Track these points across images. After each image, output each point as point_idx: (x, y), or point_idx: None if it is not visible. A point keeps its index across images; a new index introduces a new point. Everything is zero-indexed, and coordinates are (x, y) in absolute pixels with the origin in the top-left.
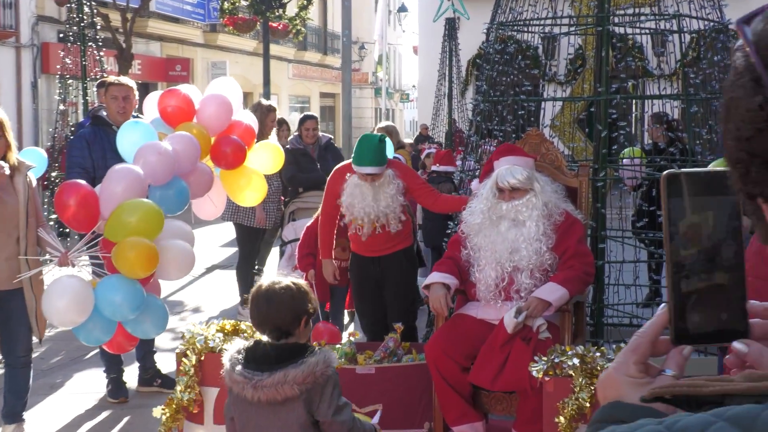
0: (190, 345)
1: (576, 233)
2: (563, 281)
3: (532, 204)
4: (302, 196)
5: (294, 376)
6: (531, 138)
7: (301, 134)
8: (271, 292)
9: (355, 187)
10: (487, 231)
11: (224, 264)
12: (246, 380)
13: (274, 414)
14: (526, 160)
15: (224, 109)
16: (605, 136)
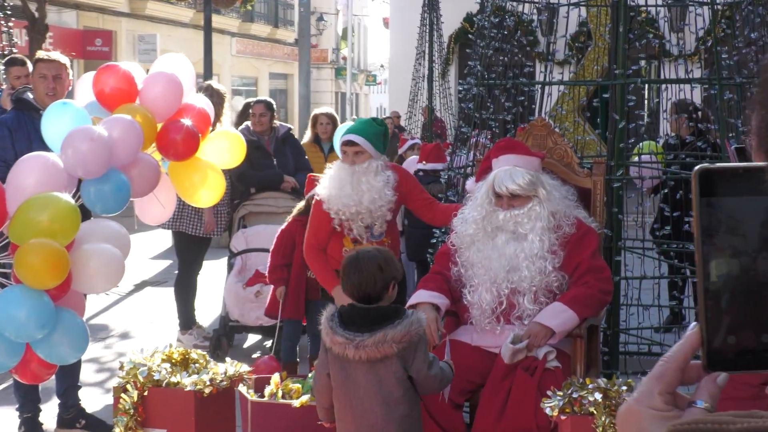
0: (131, 378)
1: (590, 245)
2: (572, 301)
3: (536, 214)
4: (255, 198)
5: (393, 336)
6: (536, 129)
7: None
8: (361, 264)
9: (335, 170)
10: (480, 244)
11: (157, 279)
12: (348, 341)
13: (372, 370)
14: (529, 160)
15: (173, 90)
16: (623, 127)
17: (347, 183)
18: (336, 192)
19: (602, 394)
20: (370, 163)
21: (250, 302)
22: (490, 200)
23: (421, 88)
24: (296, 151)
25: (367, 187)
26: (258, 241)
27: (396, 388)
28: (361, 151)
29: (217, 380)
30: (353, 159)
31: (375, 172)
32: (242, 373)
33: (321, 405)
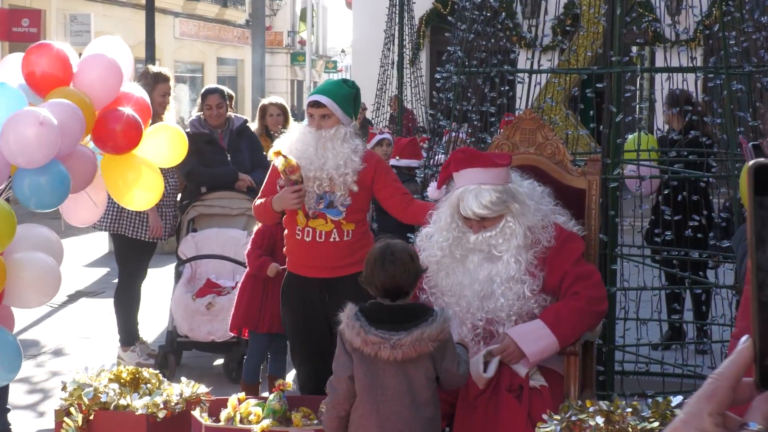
0: (75, 399)
1: (572, 251)
2: (556, 323)
3: (510, 231)
4: (206, 198)
5: (430, 334)
6: (524, 123)
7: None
8: (395, 256)
9: (300, 133)
10: (450, 269)
11: (93, 290)
12: (383, 340)
13: (401, 371)
14: (495, 173)
15: (112, 74)
16: (620, 120)
17: (311, 146)
18: (296, 153)
19: (604, 418)
20: (338, 129)
21: (200, 315)
22: (457, 224)
23: (390, 76)
24: (253, 146)
25: (333, 154)
26: (209, 246)
27: (425, 389)
28: (329, 114)
29: (171, 403)
30: (320, 123)
31: (342, 139)
32: (200, 395)
33: (335, 415)
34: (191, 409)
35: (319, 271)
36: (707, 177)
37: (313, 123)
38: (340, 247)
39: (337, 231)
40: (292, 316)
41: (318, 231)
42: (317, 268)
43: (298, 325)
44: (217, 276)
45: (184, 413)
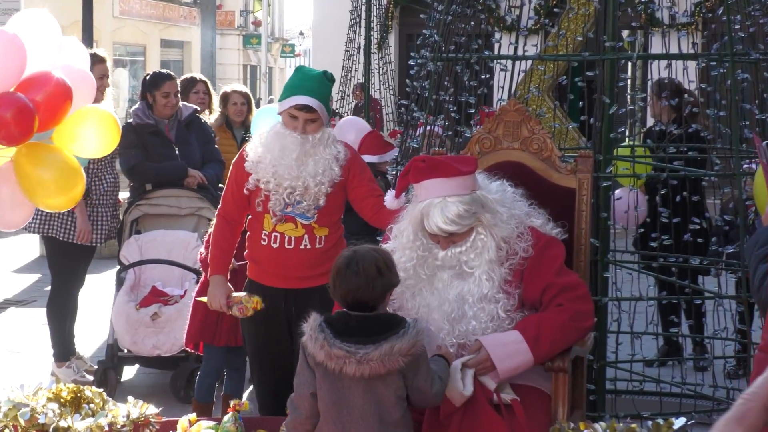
0: (10, 421)
1: (553, 260)
2: (535, 337)
3: (482, 244)
4: (151, 196)
5: (400, 348)
6: (508, 115)
7: (155, 103)
8: (359, 267)
9: (275, 136)
10: (416, 289)
11: (23, 298)
12: (349, 354)
13: (369, 389)
14: (461, 182)
15: (12, 55)
16: (613, 112)
17: (291, 153)
18: (272, 158)
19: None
20: (323, 134)
21: (144, 327)
22: (422, 241)
23: (355, 61)
24: (203, 138)
25: (314, 161)
26: (155, 250)
27: (395, 409)
28: (316, 118)
29: (117, 425)
30: (304, 128)
31: (325, 144)
32: (149, 417)
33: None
34: (139, 431)
35: (285, 280)
36: (710, 176)
37: (298, 127)
38: (311, 255)
39: (309, 237)
40: (253, 329)
41: (287, 237)
42: (284, 277)
43: (258, 338)
44: (164, 283)
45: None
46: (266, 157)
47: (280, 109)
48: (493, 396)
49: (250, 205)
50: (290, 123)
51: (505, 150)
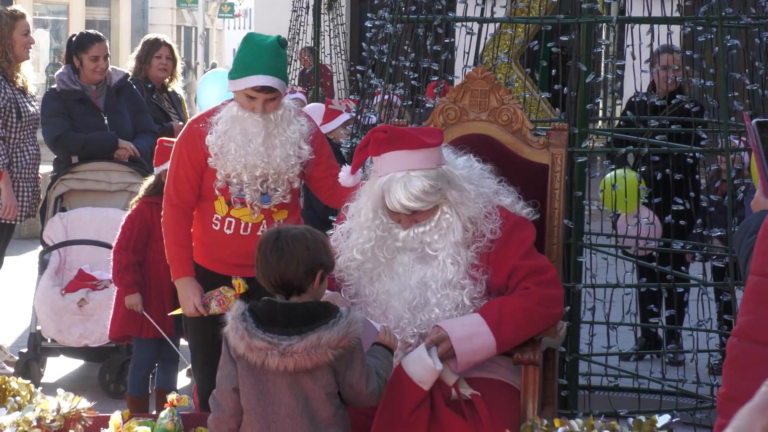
0: None
1: (521, 241)
2: (498, 321)
3: (447, 224)
4: (78, 170)
5: (329, 339)
6: (475, 83)
7: (82, 67)
8: (282, 242)
9: (233, 122)
10: (374, 274)
11: None
12: (271, 346)
13: (296, 383)
14: (425, 156)
15: None
16: (590, 81)
17: (257, 137)
18: (237, 146)
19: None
20: (285, 110)
21: (71, 314)
22: (381, 220)
23: (303, 23)
24: (135, 107)
25: (281, 141)
26: (82, 229)
27: (326, 407)
28: (276, 96)
29: (46, 420)
30: (264, 107)
31: (289, 120)
32: (80, 411)
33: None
34: (70, 427)
35: (240, 269)
36: (695, 151)
37: (257, 108)
38: None
39: (267, 222)
40: (198, 320)
41: (243, 223)
42: (239, 266)
43: (205, 331)
44: (92, 266)
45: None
46: (230, 147)
47: (233, 87)
48: (452, 392)
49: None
50: (248, 104)
51: (471, 122)
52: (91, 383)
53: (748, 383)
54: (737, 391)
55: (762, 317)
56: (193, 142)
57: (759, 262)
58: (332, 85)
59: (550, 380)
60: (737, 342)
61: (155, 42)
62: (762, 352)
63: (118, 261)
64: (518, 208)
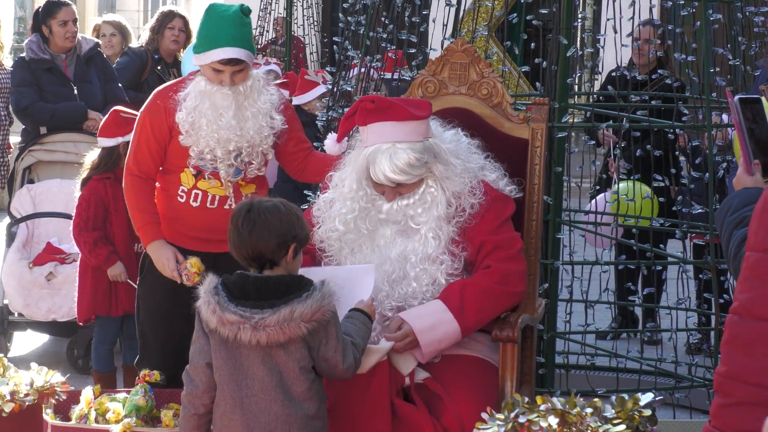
0: None
1: (497, 215)
2: (460, 306)
3: (431, 198)
4: (46, 141)
5: (302, 312)
6: (454, 56)
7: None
8: (254, 214)
9: (202, 96)
10: (355, 245)
11: None
12: (243, 320)
13: (270, 357)
14: (412, 128)
15: None
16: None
17: (227, 110)
18: (208, 122)
19: (558, 419)
20: (254, 81)
21: (39, 288)
22: (365, 191)
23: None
24: (105, 76)
25: (252, 113)
26: (50, 202)
27: (300, 381)
28: (244, 68)
29: (20, 393)
30: (232, 79)
31: (259, 90)
32: (54, 385)
33: (192, 412)
34: (43, 402)
35: (207, 244)
36: (676, 127)
37: (226, 80)
38: None
39: (235, 195)
40: (156, 297)
41: (210, 195)
42: (205, 240)
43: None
44: (60, 239)
45: (34, 407)
46: (201, 122)
47: (198, 62)
48: (405, 381)
49: (165, 158)
50: (215, 77)
51: (450, 95)
52: (58, 358)
53: (750, 361)
54: (738, 369)
55: (764, 293)
56: (158, 116)
57: (760, 237)
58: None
59: (528, 358)
60: (738, 319)
61: (169, 13)
62: (763, 328)
63: (84, 242)
64: (502, 184)
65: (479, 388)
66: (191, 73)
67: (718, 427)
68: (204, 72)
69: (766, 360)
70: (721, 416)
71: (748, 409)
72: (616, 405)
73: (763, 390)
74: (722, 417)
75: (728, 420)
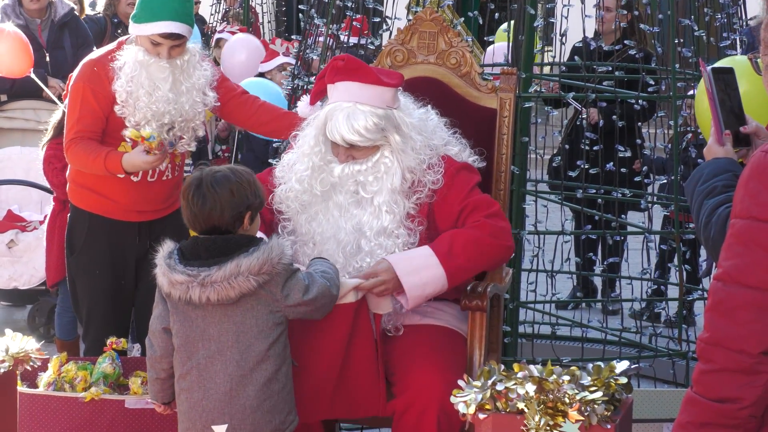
0: None
1: (466, 182)
2: (448, 250)
3: (385, 168)
4: (6, 108)
5: (248, 266)
6: (423, 25)
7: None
8: (204, 188)
9: (139, 67)
10: (311, 210)
11: None
12: (191, 278)
13: (226, 317)
14: (378, 93)
15: None
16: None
17: (164, 83)
18: (145, 92)
19: (536, 386)
20: (190, 55)
21: (0, 256)
22: (321, 149)
23: None
24: (79, 40)
25: (187, 87)
26: (10, 169)
27: (258, 341)
28: (182, 42)
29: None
30: (170, 52)
31: (194, 66)
32: (29, 352)
33: (154, 376)
34: (18, 368)
35: (141, 215)
36: (641, 98)
37: (163, 53)
38: (171, 184)
39: (171, 167)
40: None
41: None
42: (138, 212)
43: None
44: (21, 207)
45: (9, 374)
46: (138, 93)
47: (137, 32)
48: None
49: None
50: (152, 49)
51: (419, 64)
52: (18, 326)
53: (733, 327)
54: (722, 336)
55: (749, 260)
56: (100, 83)
57: (746, 205)
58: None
59: (495, 327)
60: (722, 286)
61: None
62: (747, 295)
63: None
64: (465, 155)
65: (447, 356)
66: (121, 42)
67: (700, 393)
68: (141, 42)
69: (748, 326)
70: (704, 382)
71: (730, 376)
72: (592, 373)
73: (746, 356)
74: (705, 383)
75: (711, 386)
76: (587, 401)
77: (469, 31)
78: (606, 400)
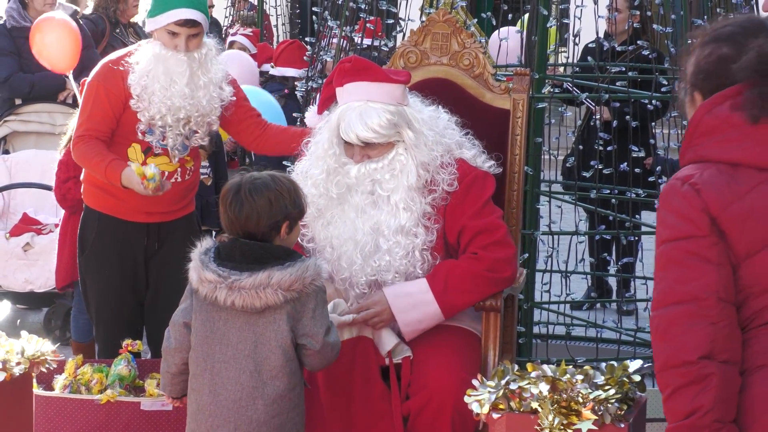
0: None
1: (479, 197)
2: (444, 289)
3: (400, 166)
4: (21, 111)
5: (279, 280)
6: (436, 26)
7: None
8: (242, 195)
9: (156, 61)
10: (328, 214)
11: None
12: (220, 279)
13: (247, 325)
14: (388, 89)
15: None
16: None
17: (181, 77)
18: (161, 87)
19: (549, 386)
20: (208, 49)
21: (16, 259)
22: (335, 151)
23: None
24: (86, 43)
25: (204, 82)
26: (26, 172)
27: (275, 356)
28: (199, 32)
29: (11, 362)
30: (187, 44)
31: (212, 60)
32: (45, 354)
33: (167, 370)
34: (34, 371)
35: (150, 216)
36: (654, 98)
37: (177, 45)
38: (181, 188)
39: (181, 170)
40: (105, 272)
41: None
42: (149, 213)
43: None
44: (36, 210)
45: (26, 376)
46: (154, 87)
47: (153, 26)
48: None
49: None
50: (170, 41)
51: (432, 65)
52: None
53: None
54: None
55: (671, 279)
56: (114, 82)
57: (659, 232)
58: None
59: (509, 328)
60: (655, 314)
61: None
62: (676, 311)
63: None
64: (480, 161)
65: (461, 356)
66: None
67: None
68: (159, 36)
69: (683, 338)
70: (669, 408)
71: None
72: (606, 372)
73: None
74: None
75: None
76: (600, 400)
77: (482, 32)
78: (619, 398)
